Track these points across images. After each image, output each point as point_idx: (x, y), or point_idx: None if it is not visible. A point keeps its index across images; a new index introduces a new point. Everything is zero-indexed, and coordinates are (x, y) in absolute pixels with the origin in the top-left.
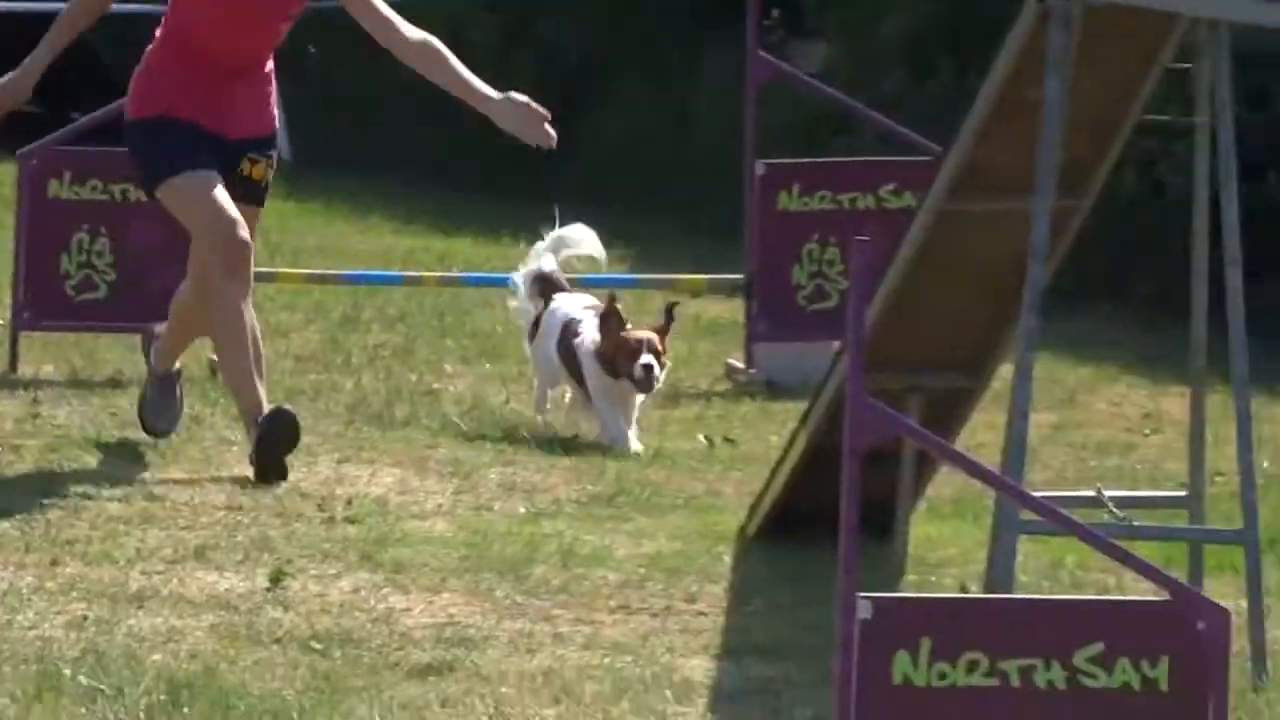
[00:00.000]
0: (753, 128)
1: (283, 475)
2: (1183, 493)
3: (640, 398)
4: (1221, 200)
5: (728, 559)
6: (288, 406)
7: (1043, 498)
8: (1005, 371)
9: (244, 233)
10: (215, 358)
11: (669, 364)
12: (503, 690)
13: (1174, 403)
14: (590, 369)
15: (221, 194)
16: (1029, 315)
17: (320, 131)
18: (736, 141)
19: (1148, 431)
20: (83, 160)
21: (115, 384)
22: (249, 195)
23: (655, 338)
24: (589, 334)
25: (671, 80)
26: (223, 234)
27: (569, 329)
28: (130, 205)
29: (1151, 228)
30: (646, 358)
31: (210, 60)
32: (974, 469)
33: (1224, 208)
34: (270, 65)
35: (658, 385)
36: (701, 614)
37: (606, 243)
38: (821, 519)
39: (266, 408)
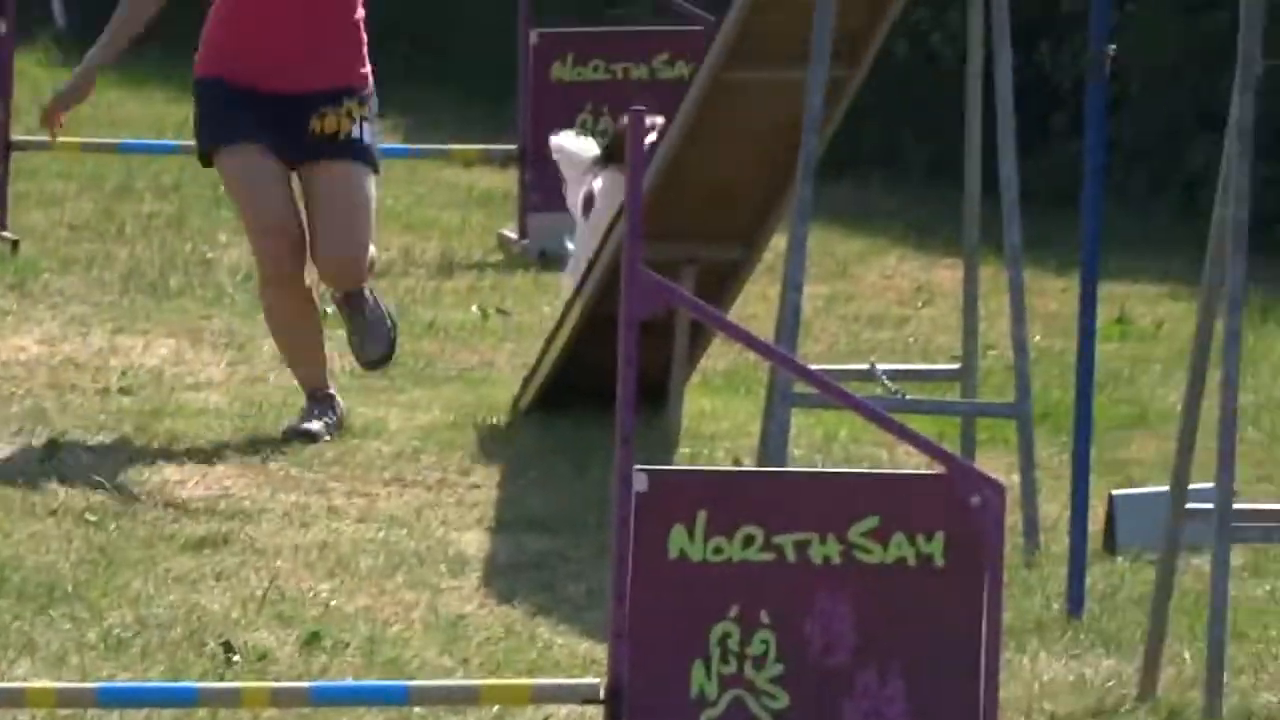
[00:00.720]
0: None
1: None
2: (955, 366)
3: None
4: (995, 73)
5: (501, 431)
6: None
7: (816, 370)
8: (777, 243)
9: (283, 236)
10: None
11: None
12: (278, 564)
13: (946, 275)
14: None
15: (265, 182)
16: (803, 186)
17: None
18: (511, 9)
19: (920, 304)
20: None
21: None
22: (331, 151)
23: None
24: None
25: None
26: (261, 231)
27: None
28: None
29: (924, 98)
30: None
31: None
32: (748, 341)
33: (997, 80)
34: (358, 13)
35: None
36: (476, 487)
37: (379, 113)
38: (596, 391)
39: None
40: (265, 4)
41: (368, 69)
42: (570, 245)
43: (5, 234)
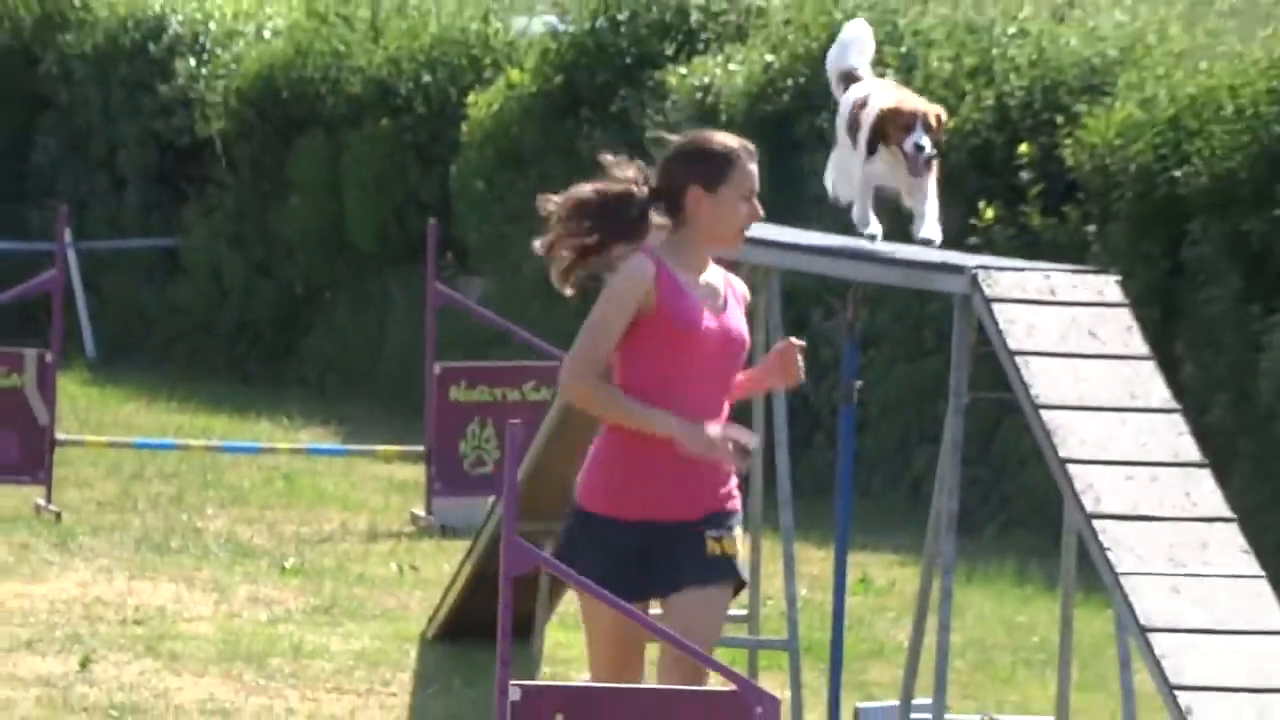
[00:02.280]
0: (431, 340)
1: None
2: (744, 612)
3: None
4: (769, 417)
5: (413, 655)
6: None
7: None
8: None
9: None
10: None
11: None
12: None
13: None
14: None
15: (626, 642)
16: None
17: (116, 336)
18: (420, 349)
19: None
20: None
21: None
22: (719, 573)
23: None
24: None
25: (371, 304)
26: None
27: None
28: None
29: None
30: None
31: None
32: (588, 588)
33: (771, 422)
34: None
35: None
36: (393, 695)
37: (324, 422)
38: (482, 626)
39: None
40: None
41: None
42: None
43: (50, 507)
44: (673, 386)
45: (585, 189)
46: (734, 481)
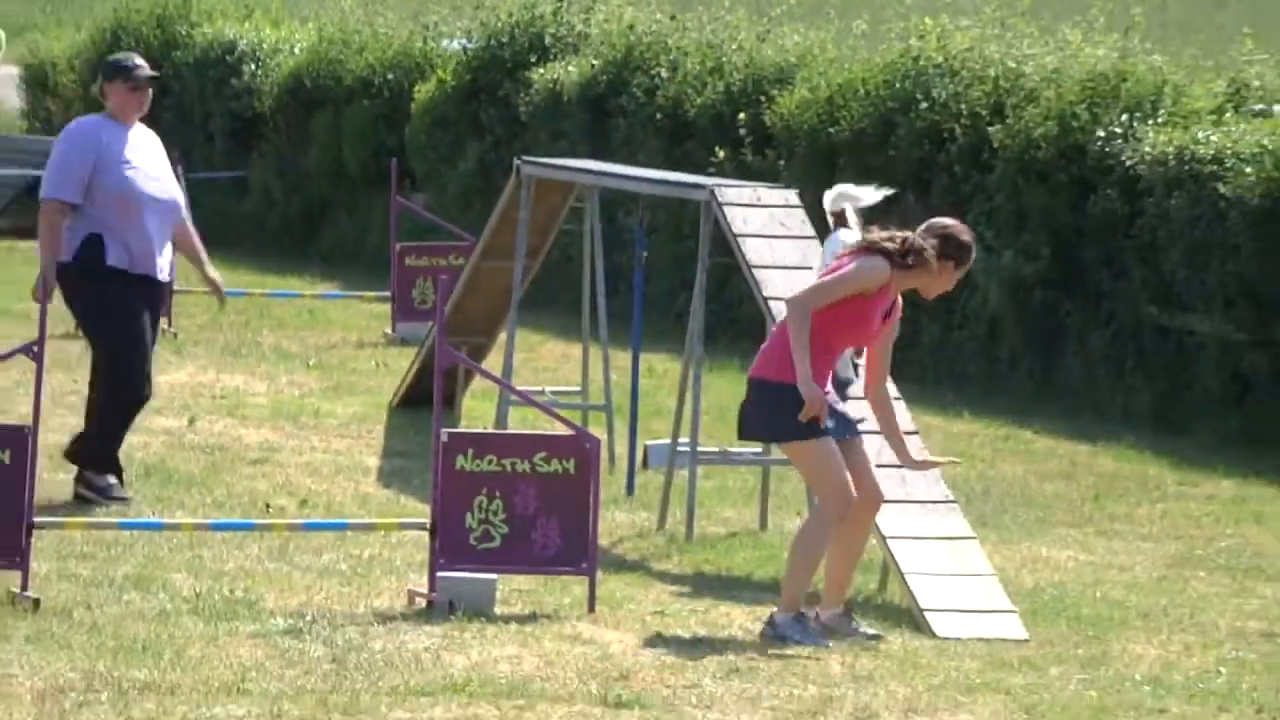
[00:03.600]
0: (394, 231)
1: None
2: (577, 389)
3: None
4: (593, 275)
5: (384, 415)
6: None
7: (525, 390)
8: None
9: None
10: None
11: None
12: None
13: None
14: None
15: (841, 461)
16: (514, 311)
17: (207, 231)
18: (389, 237)
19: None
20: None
21: None
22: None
23: None
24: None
25: (359, 211)
26: (845, 502)
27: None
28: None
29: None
30: None
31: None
32: (486, 374)
33: (594, 278)
34: None
35: None
36: (374, 438)
37: (331, 279)
38: (425, 398)
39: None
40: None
41: None
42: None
43: (171, 330)
44: (833, 355)
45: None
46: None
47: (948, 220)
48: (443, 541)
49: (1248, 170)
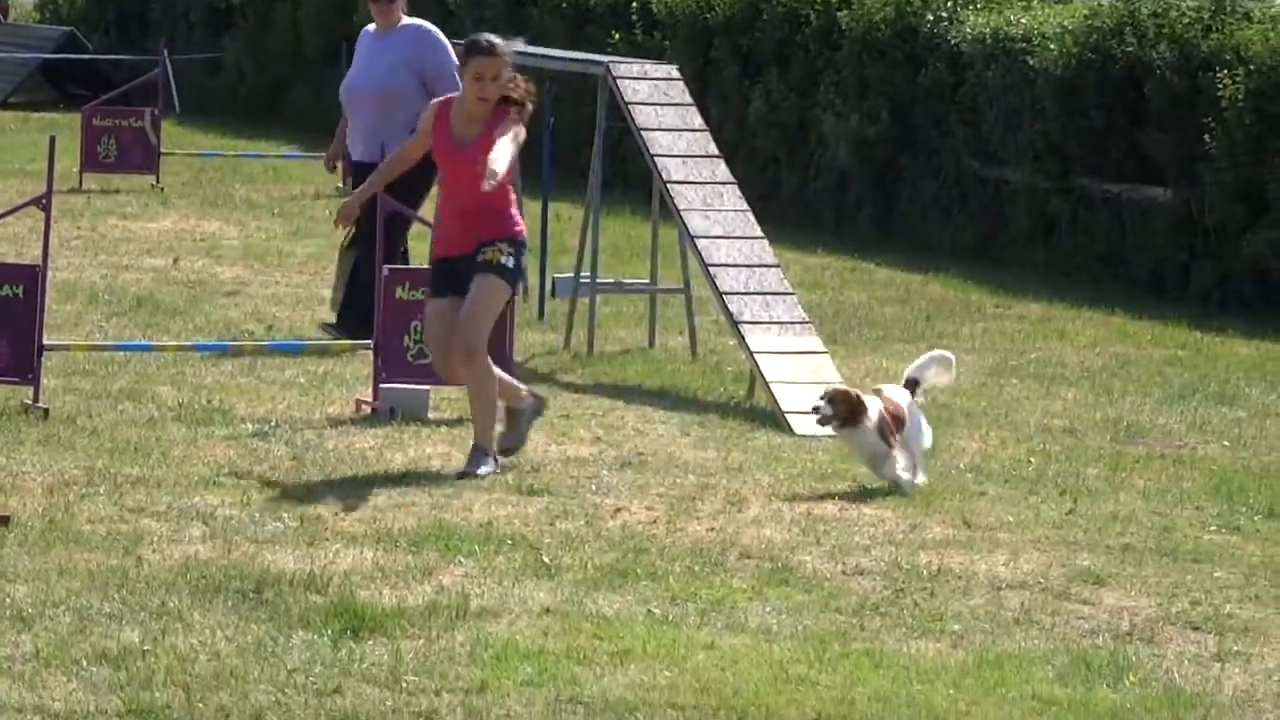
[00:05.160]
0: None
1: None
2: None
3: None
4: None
5: (337, 254)
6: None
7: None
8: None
9: (447, 347)
10: None
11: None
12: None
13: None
14: None
15: (434, 321)
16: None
17: (188, 103)
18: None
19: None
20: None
21: None
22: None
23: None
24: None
25: (310, 81)
26: (438, 360)
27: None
28: None
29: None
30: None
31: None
32: (419, 219)
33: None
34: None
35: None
36: (328, 273)
37: (292, 141)
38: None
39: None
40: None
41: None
42: None
43: (160, 185)
44: (447, 208)
45: None
46: (509, 224)
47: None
48: (384, 358)
49: (1052, 46)
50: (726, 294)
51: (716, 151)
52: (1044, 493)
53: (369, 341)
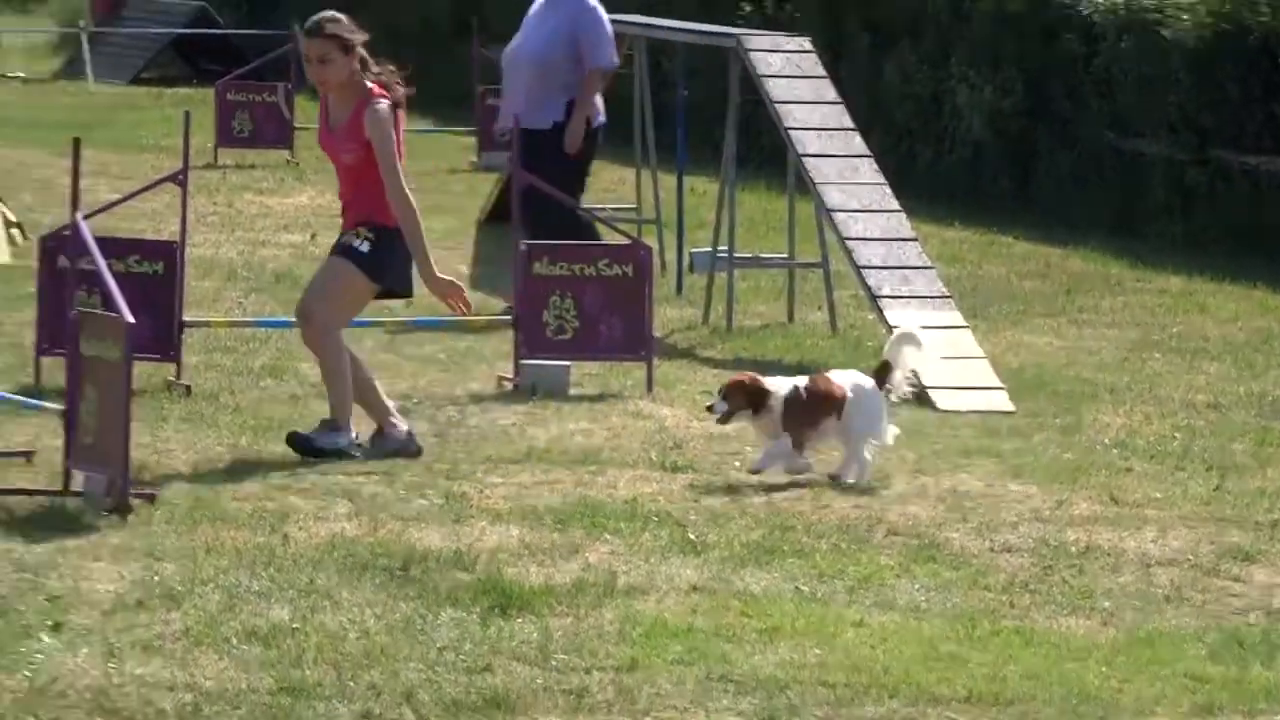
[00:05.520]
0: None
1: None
2: (633, 206)
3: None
4: (643, 111)
5: (474, 230)
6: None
7: (590, 207)
8: None
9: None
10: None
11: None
12: None
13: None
14: None
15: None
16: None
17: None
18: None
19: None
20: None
21: None
22: (337, 251)
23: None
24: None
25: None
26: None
27: None
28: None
29: None
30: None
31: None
32: (556, 195)
33: (644, 114)
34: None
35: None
36: (462, 245)
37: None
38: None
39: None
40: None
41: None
42: None
43: (293, 160)
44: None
45: None
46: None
47: None
48: (524, 334)
49: (1185, 17)
50: (865, 268)
51: (851, 124)
52: (1190, 469)
53: (508, 317)
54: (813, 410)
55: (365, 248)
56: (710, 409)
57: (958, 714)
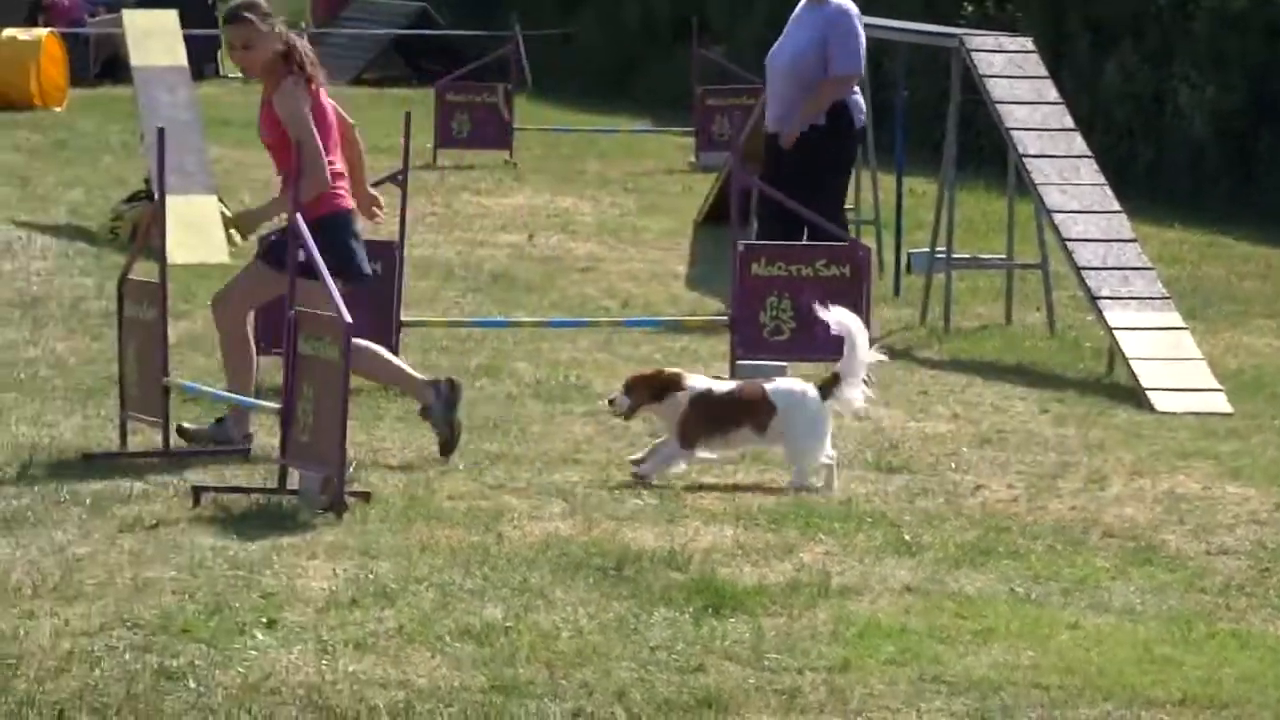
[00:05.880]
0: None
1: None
2: (872, 218)
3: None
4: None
5: (690, 231)
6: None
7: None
8: None
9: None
10: None
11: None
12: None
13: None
14: None
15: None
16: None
17: (540, 76)
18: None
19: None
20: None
21: None
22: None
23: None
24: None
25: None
26: None
27: None
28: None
29: None
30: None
31: None
32: (776, 196)
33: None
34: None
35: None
36: (682, 245)
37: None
38: (721, 216)
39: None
40: None
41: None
42: None
43: (512, 160)
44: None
45: None
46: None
47: None
48: (740, 335)
49: None
50: (1084, 269)
51: (1072, 124)
52: None
53: (724, 317)
54: (719, 417)
55: (273, 237)
56: (611, 403)
57: (1172, 717)
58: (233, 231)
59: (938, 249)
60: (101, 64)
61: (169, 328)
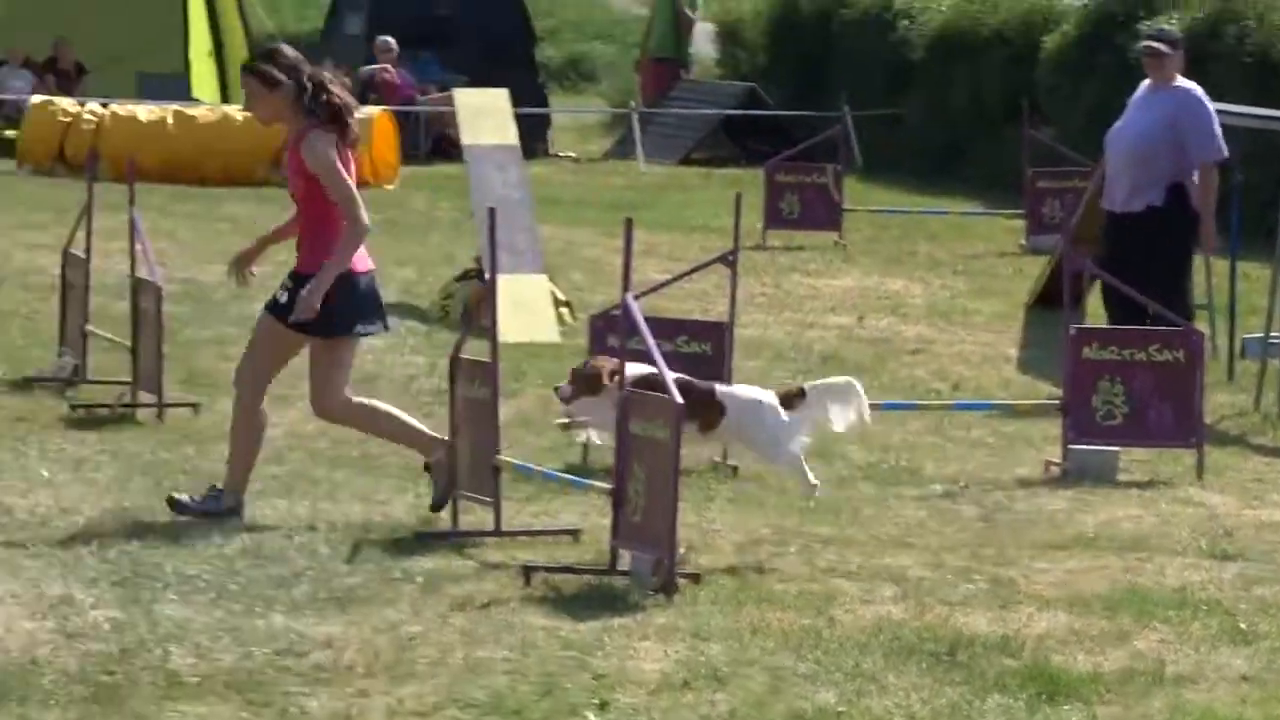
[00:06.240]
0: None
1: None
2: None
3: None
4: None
5: (1023, 315)
6: None
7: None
8: None
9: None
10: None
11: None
12: None
13: None
14: None
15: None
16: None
17: (870, 155)
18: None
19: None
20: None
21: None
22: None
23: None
24: None
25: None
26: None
27: None
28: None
29: None
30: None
31: None
32: (1109, 280)
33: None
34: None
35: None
36: (1008, 329)
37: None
38: (1055, 297)
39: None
40: None
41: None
42: None
43: (841, 241)
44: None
45: None
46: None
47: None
48: (1073, 419)
49: None
50: None
51: None
52: None
53: (1056, 401)
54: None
55: (284, 297)
56: (556, 390)
57: None
58: (564, 310)
59: (1272, 335)
60: (433, 142)
61: (499, 406)
